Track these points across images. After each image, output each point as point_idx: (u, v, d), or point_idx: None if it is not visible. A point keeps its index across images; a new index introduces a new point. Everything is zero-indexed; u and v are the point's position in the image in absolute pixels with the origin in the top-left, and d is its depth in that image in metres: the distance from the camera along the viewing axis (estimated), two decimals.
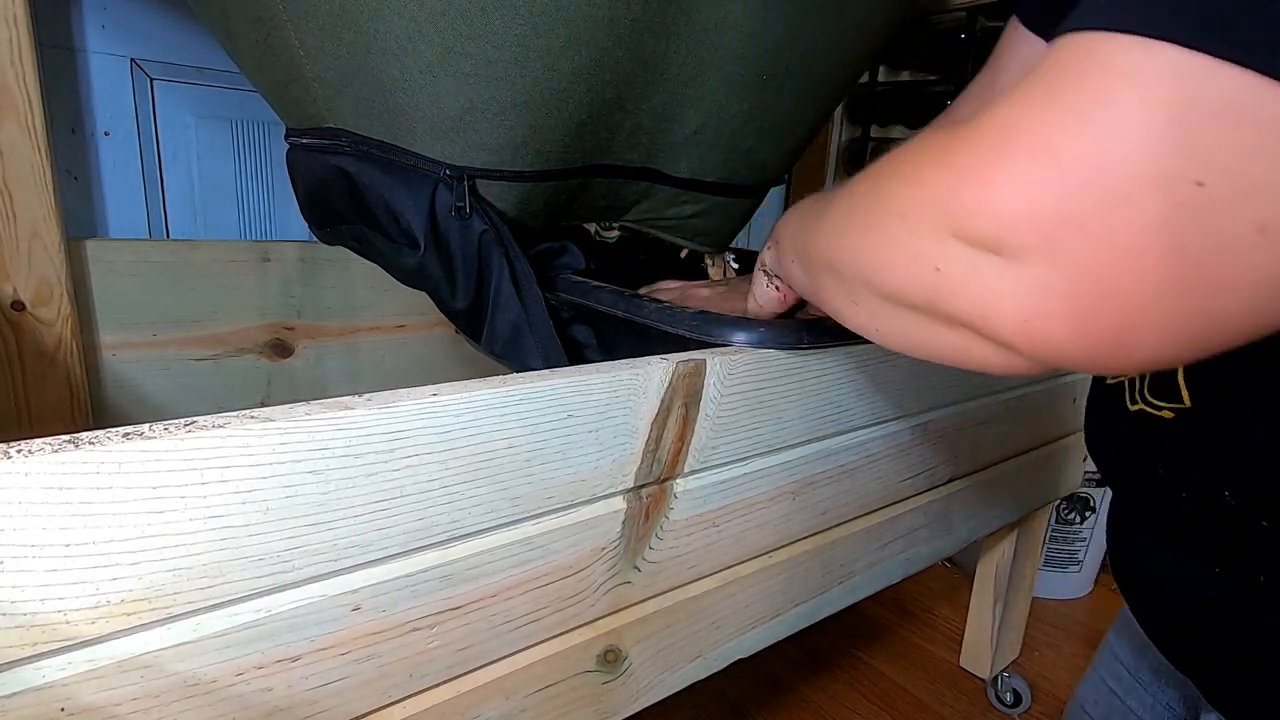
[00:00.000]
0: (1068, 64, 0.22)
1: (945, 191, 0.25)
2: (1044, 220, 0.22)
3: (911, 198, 0.27)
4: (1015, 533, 0.95)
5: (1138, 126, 0.20)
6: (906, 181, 0.28)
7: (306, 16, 0.48)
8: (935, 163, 0.26)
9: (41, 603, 0.26)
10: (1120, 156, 0.20)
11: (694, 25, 0.54)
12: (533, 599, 0.41)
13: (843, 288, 0.36)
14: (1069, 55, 0.22)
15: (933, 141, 0.27)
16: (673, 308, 0.53)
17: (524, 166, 0.56)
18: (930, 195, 0.26)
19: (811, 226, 0.40)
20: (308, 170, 0.60)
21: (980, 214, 0.23)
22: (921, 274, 0.27)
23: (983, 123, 0.24)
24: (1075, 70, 0.22)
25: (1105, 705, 0.54)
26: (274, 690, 0.33)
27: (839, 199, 0.36)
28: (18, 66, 0.63)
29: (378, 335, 0.96)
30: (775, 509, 0.53)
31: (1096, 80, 0.21)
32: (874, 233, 0.30)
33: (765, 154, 0.68)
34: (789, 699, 0.97)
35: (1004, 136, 0.23)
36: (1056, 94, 0.22)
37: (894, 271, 0.29)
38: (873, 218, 0.31)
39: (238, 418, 0.29)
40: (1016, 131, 0.23)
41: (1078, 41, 0.22)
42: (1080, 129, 0.21)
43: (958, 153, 0.25)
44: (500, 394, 0.35)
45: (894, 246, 0.28)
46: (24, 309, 0.69)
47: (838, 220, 0.35)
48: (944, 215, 0.25)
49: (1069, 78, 0.22)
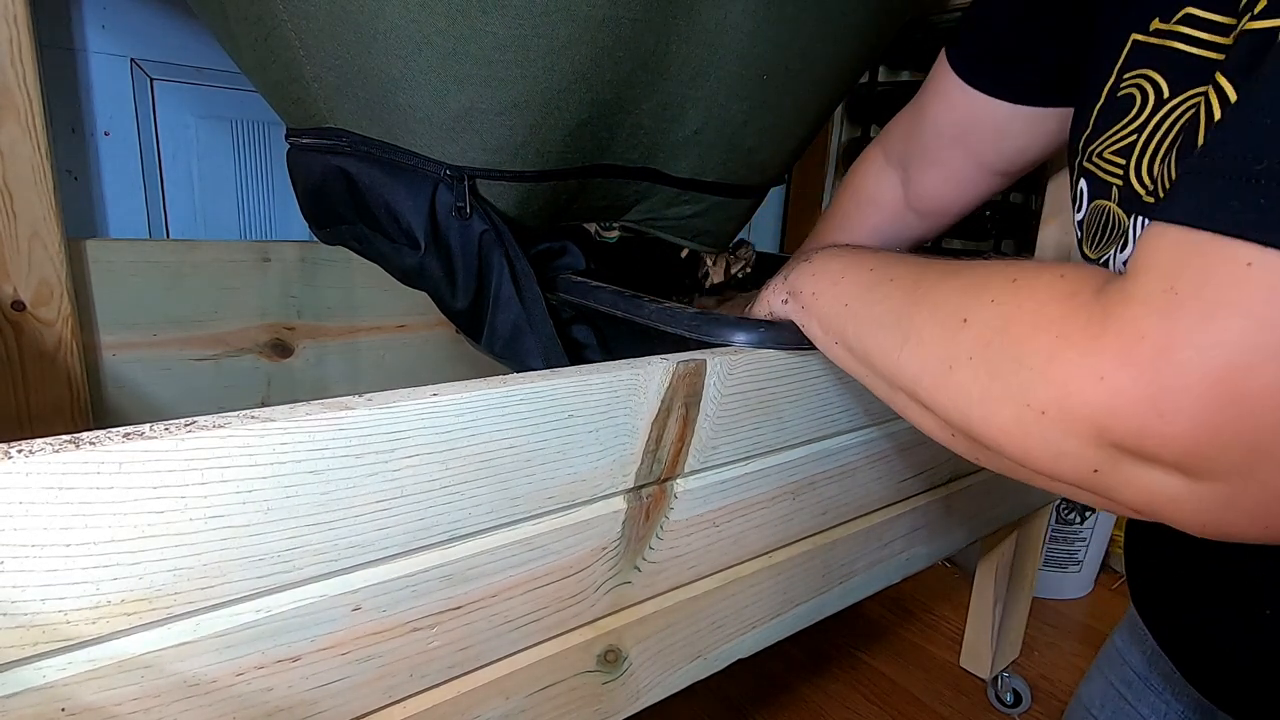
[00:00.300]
0: (1214, 274, 0.22)
1: (1102, 408, 0.24)
2: (1232, 450, 0.22)
3: (1050, 398, 0.26)
4: (1015, 533, 0.95)
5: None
6: (1036, 371, 0.26)
7: (306, 16, 0.48)
8: (1076, 363, 0.25)
9: (42, 603, 0.26)
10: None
11: (694, 25, 0.54)
12: (533, 599, 0.41)
13: (911, 405, 0.35)
14: (1206, 262, 0.22)
15: (1059, 321, 0.26)
16: (673, 308, 0.53)
17: (524, 166, 0.56)
18: (1078, 405, 0.25)
19: (862, 317, 0.39)
20: (308, 170, 0.60)
21: (1156, 440, 0.23)
22: (1069, 468, 0.26)
23: (1122, 331, 0.24)
24: (1228, 287, 0.22)
25: (1113, 708, 0.53)
26: (274, 690, 0.33)
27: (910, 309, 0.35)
28: (18, 66, 0.63)
29: (378, 335, 0.96)
30: (775, 509, 0.53)
31: (1266, 301, 0.21)
32: (989, 406, 0.29)
33: (765, 154, 0.68)
34: (789, 699, 0.97)
35: (1163, 360, 0.23)
36: (1218, 316, 0.22)
37: (1023, 450, 0.28)
38: (983, 387, 0.29)
39: (238, 418, 0.29)
40: (1177, 357, 0.22)
41: (1221, 248, 0.22)
42: (1262, 357, 0.21)
43: (1100, 360, 0.24)
44: (500, 394, 0.35)
45: (1027, 433, 0.27)
46: (24, 309, 0.69)
47: (918, 349, 0.34)
48: (1101, 431, 0.24)
49: (1226, 299, 0.22)
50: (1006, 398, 0.28)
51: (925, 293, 0.35)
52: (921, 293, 0.35)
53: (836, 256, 0.46)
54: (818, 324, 0.45)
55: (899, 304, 0.36)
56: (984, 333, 0.30)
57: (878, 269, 0.40)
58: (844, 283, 0.42)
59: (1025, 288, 0.29)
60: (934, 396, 0.33)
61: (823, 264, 0.46)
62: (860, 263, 0.42)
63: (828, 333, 0.43)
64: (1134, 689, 0.52)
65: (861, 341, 0.39)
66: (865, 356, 0.39)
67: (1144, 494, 0.25)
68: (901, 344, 0.35)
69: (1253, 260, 0.21)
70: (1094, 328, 0.25)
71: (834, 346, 0.43)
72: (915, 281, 0.36)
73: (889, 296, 0.38)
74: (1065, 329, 0.26)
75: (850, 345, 0.41)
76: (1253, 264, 0.21)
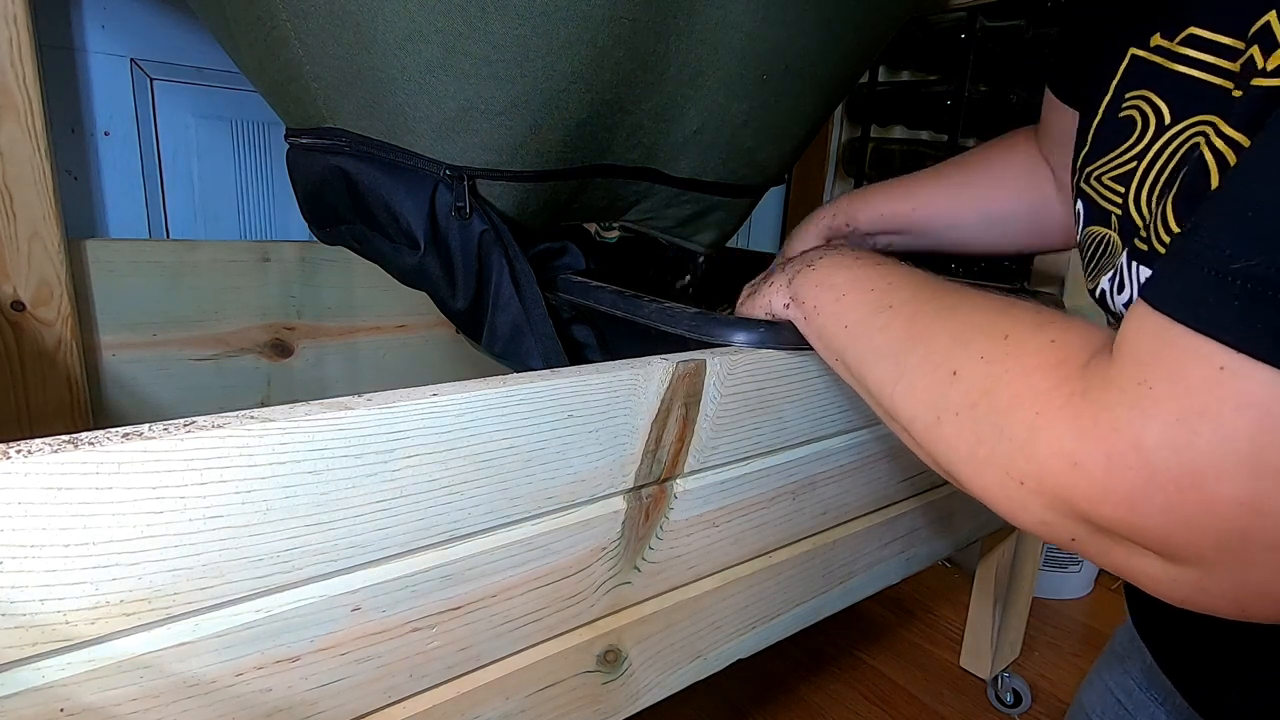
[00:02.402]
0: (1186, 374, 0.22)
1: (1076, 490, 0.25)
2: (1206, 547, 0.23)
3: (1029, 471, 0.26)
4: (1015, 533, 0.95)
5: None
6: (1017, 442, 0.27)
7: (306, 16, 0.48)
8: (1054, 443, 0.25)
9: (41, 603, 0.26)
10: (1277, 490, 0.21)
11: (694, 25, 0.53)
12: (533, 599, 0.41)
13: (907, 437, 0.36)
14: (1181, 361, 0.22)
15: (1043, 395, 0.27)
16: (673, 308, 0.53)
17: (524, 166, 0.56)
18: (1055, 482, 0.25)
19: (861, 345, 0.39)
20: (307, 170, 0.60)
21: (1129, 528, 0.24)
22: (1050, 534, 0.27)
23: (1097, 416, 0.24)
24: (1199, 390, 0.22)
25: (1112, 716, 0.53)
26: (274, 690, 0.33)
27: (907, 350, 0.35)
28: (18, 66, 0.63)
29: (378, 335, 0.96)
30: (775, 509, 0.53)
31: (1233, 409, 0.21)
32: (975, 466, 0.30)
33: (765, 154, 0.68)
34: (789, 699, 0.97)
35: (1138, 456, 0.23)
36: (1187, 419, 0.22)
37: (1009, 511, 0.29)
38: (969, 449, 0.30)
39: (237, 418, 0.29)
40: (1150, 456, 0.23)
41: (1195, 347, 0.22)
42: (1233, 466, 0.21)
43: (1078, 444, 0.25)
44: (500, 394, 0.35)
45: (1010, 499, 0.28)
46: (24, 309, 0.69)
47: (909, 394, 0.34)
48: (1075, 510, 0.25)
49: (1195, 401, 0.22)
50: (990, 462, 0.29)
51: (921, 329, 0.35)
52: (918, 330, 0.35)
53: (840, 269, 0.45)
54: (818, 338, 0.45)
55: (896, 338, 0.37)
56: (970, 392, 0.30)
57: (879, 291, 0.40)
58: (845, 302, 0.42)
59: (1015, 349, 0.29)
60: (924, 441, 0.33)
61: (827, 274, 0.46)
62: (862, 282, 0.42)
63: (828, 350, 0.44)
64: (1133, 698, 0.52)
65: (860, 368, 0.40)
66: (862, 383, 0.40)
67: (1122, 567, 0.26)
68: (896, 381, 0.35)
69: (1224, 365, 0.22)
70: (1073, 409, 0.25)
71: (834, 362, 0.44)
72: (913, 314, 0.37)
73: (888, 327, 0.38)
74: (1046, 405, 0.26)
75: (849, 366, 0.41)
76: (1224, 369, 0.22)
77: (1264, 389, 0.21)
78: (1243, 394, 0.21)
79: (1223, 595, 0.24)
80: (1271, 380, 0.21)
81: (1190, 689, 0.41)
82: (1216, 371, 0.22)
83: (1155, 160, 0.35)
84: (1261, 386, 0.21)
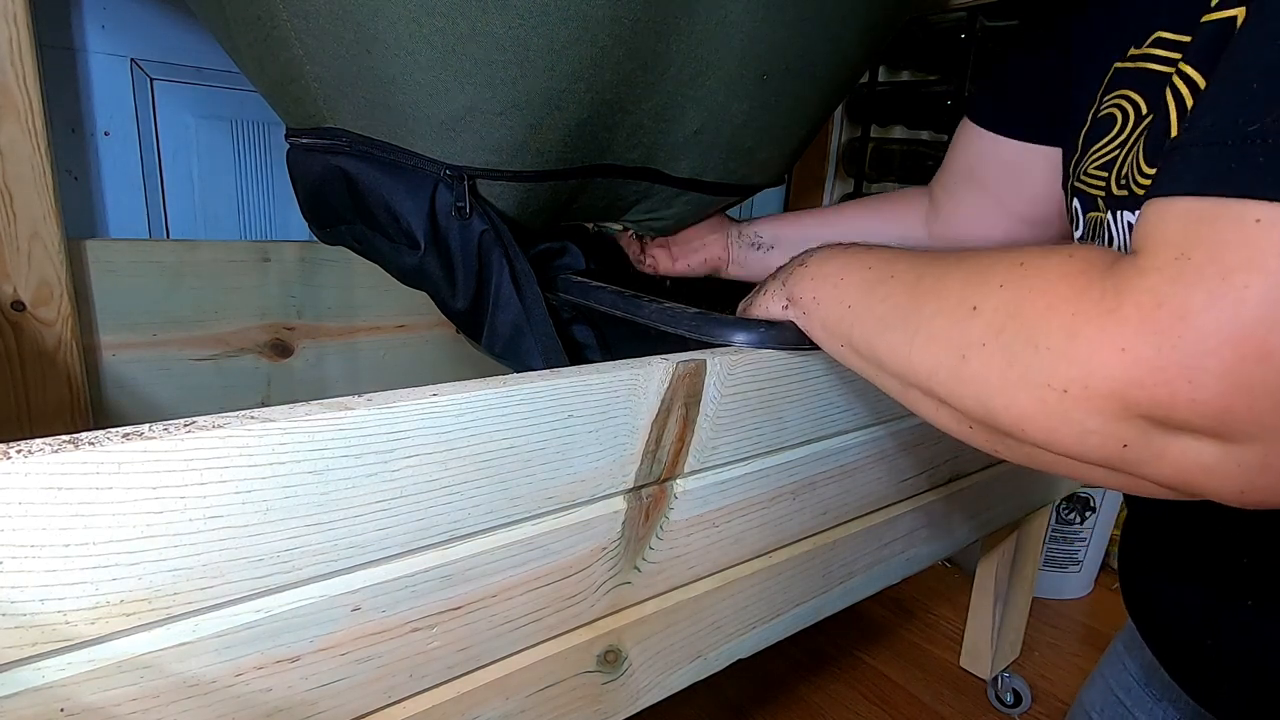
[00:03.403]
0: (1224, 237, 0.22)
1: (1127, 380, 0.24)
2: (1266, 409, 0.22)
3: (1073, 376, 0.25)
4: (1015, 533, 0.95)
5: None
6: (1056, 351, 0.26)
7: (306, 16, 0.48)
8: (1097, 337, 0.25)
9: (41, 603, 0.26)
10: None
11: (694, 25, 0.53)
12: (533, 599, 0.41)
13: (925, 400, 0.35)
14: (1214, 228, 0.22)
15: (1074, 299, 0.26)
16: (673, 308, 0.53)
17: (524, 166, 0.56)
18: (1103, 380, 0.25)
19: (867, 318, 0.39)
20: (307, 170, 0.60)
21: (1187, 406, 0.23)
22: (1098, 445, 0.26)
23: (1140, 301, 0.24)
24: (1239, 246, 0.22)
25: (1112, 713, 0.53)
26: (274, 691, 0.33)
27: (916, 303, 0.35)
28: (18, 66, 0.63)
29: (378, 335, 0.96)
30: (775, 509, 0.53)
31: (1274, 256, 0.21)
32: (1008, 391, 0.28)
33: (765, 154, 0.68)
34: (789, 699, 0.97)
35: (1184, 325, 0.23)
36: (1232, 276, 0.22)
37: (1047, 431, 0.27)
38: (1001, 372, 0.28)
39: (237, 418, 0.29)
40: (1198, 320, 0.22)
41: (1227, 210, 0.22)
42: (1276, 313, 0.21)
43: (1121, 332, 0.24)
44: (500, 394, 0.35)
45: (1050, 414, 0.27)
46: (24, 309, 0.68)
47: (928, 343, 0.33)
48: (1130, 405, 0.24)
49: (1238, 257, 0.22)
50: (1026, 381, 0.27)
51: (929, 286, 0.34)
52: (925, 286, 0.35)
53: (832, 257, 0.45)
54: (822, 328, 0.44)
55: (903, 300, 0.36)
56: (996, 318, 0.29)
57: (876, 267, 0.40)
58: (844, 284, 0.42)
59: (1033, 269, 0.29)
60: (950, 389, 0.32)
61: (819, 267, 0.46)
62: (858, 261, 0.42)
63: (833, 336, 0.43)
64: (1132, 694, 0.52)
65: (869, 343, 0.39)
66: (874, 357, 0.39)
67: (1177, 466, 0.25)
68: (911, 340, 0.34)
69: (1261, 216, 0.22)
70: (1109, 301, 0.25)
71: (840, 349, 0.43)
72: (918, 276, 0.36)
73: (892, 294, 0.37)
74: (1080, 305, 0.26)
75: (857, 347, 0.40)
76: (1261, 220, 0.22)
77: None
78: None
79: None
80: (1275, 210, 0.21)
81: (1187, 680, 0.41)
82: (1253, 225, 0.22)
83: (1135, 145, 0.37)
84: None
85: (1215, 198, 0.23)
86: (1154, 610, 0.43)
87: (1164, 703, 0.50)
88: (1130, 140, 0.38)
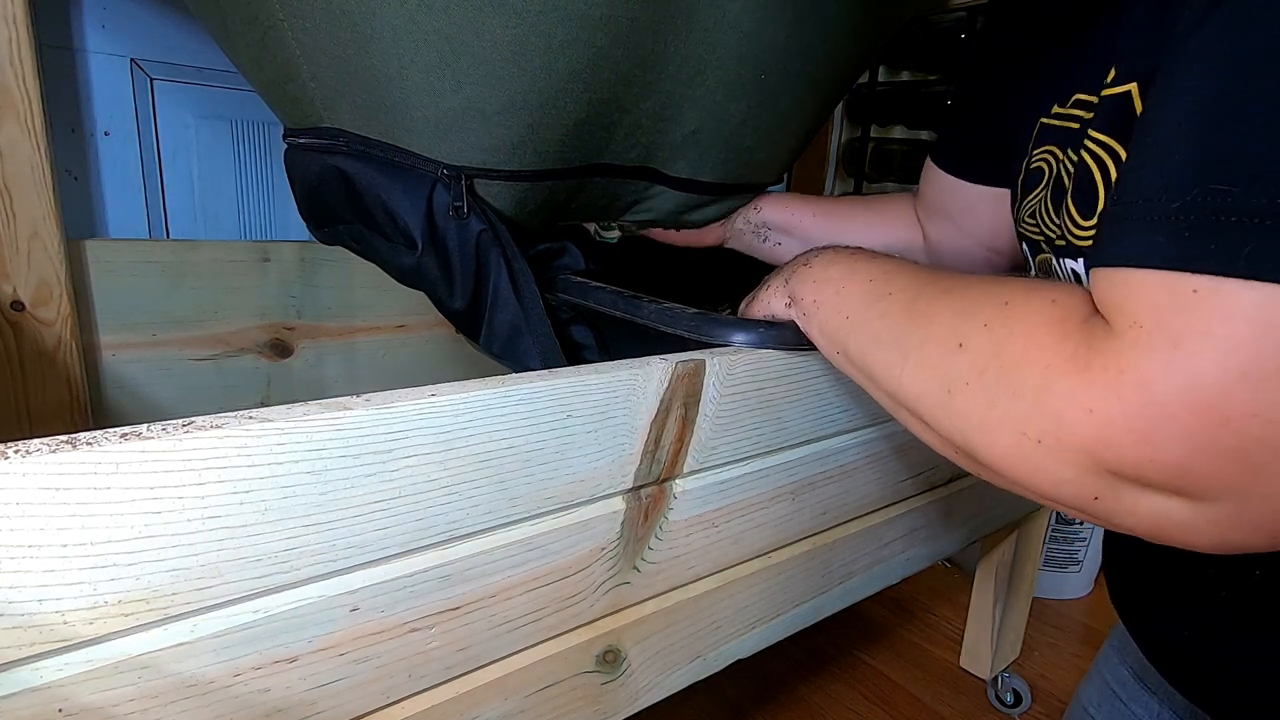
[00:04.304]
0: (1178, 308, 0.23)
1: (1095, 440, 0.25)
2: (1230, 472, 0.23)
3: (1046, 429, 0.26)
4: (1015, 533, 0.95)
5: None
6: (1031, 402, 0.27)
7: (303, 15, 0.48)
8: (1067, 395, 0.26)
9: (39, 603, 0.26)
10: None
11: (692, 25, 0.53)
12: (532, 599, 0.41)
13: (913, 420, 0.36)
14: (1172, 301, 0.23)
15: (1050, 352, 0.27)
16: (672, 308, 0.53)
17: (521, 166, 0.56)
18: (1072, 436, 0.26)
19: (863, 333, 0.40)
20: (305, 170, 0.60)
21: (1150, 468, 0.24)
22: (1070, 494, 0.27)
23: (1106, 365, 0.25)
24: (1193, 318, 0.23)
25: (1108, 708, 0.53)
26: (272, 691, 0.33)
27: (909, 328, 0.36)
28: (18, 66, 0.63)
29: (377, 335, 0.96)
30: (775, 509, 0.53)
31: (1228, 329, 0.22)
32: (987, 432, 0.29)
33: (764, 154, 0.68)
34: (789, 699, 0.97)
35: (1146, 393, 0.23)
36: (1187, 347, 0.23)
37: (1024, 475, 0.28)
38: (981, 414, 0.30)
39: (236, 418, 0.29)
40: (1159, 389, 0.23)
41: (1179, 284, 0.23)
42: (1239, 380, 0.22)
43: (1090, 394, 0.25)
44: (499, 394, 0.35)
45: (1026, 460, 0.28)
46: (24, 309, 0.69)
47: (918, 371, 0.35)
48: (1098, 461, 0.25)
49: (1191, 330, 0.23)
50: (1004, 425, 0.28)
51: (923, 311, 0.36)
52: (919, 310, 0.36)
53: (835, 261, 0.46)
54: (820, 333, 0.45)
55: (898, 321, 0.37)
56: (979, 358, 0.30)
57: (876, 280, 0.41)
58: (845, 294, 0.43)
59: (1017, 312, 0.30)
60: (936, 418, 0.33)
61: (823, 270, 0.46)
62: (860, 272, 0.43)
63: (831, 342, 0.44)
64: (1127, 689, 0.53)
65: (863, 357, 0.40)
66: (868, 370, 0.40)
67: (1149, 519, 0.26)
68: (903, 363, 0.35)
69: (1197, 288, 0.23)
70: (1081, 359, 0.26)
71: (836, 355, 0.44)
72: (914, 297, 0.37)
73: (889, 312, 0.38)
74: (1055, 358, 0.27)
75: (852, 358, 0.41)
76: (1198, 290, 0.23)
77: (1244, 301, 0.22)
78: (1223, 309, 0.22)
79: (1255, 526, 0.24)
80: (1247, 291, 0.22)
81: (1178, 680, 0.41)
82: (1192, 295, 0.23)
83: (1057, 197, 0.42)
84: (1239, 299, 0.22)
85: (1153, 270, 0.24)
86: (1141, 614, 0.43)
87: (1159, 696, 0.51)
88: (1052, 193, 0.41)
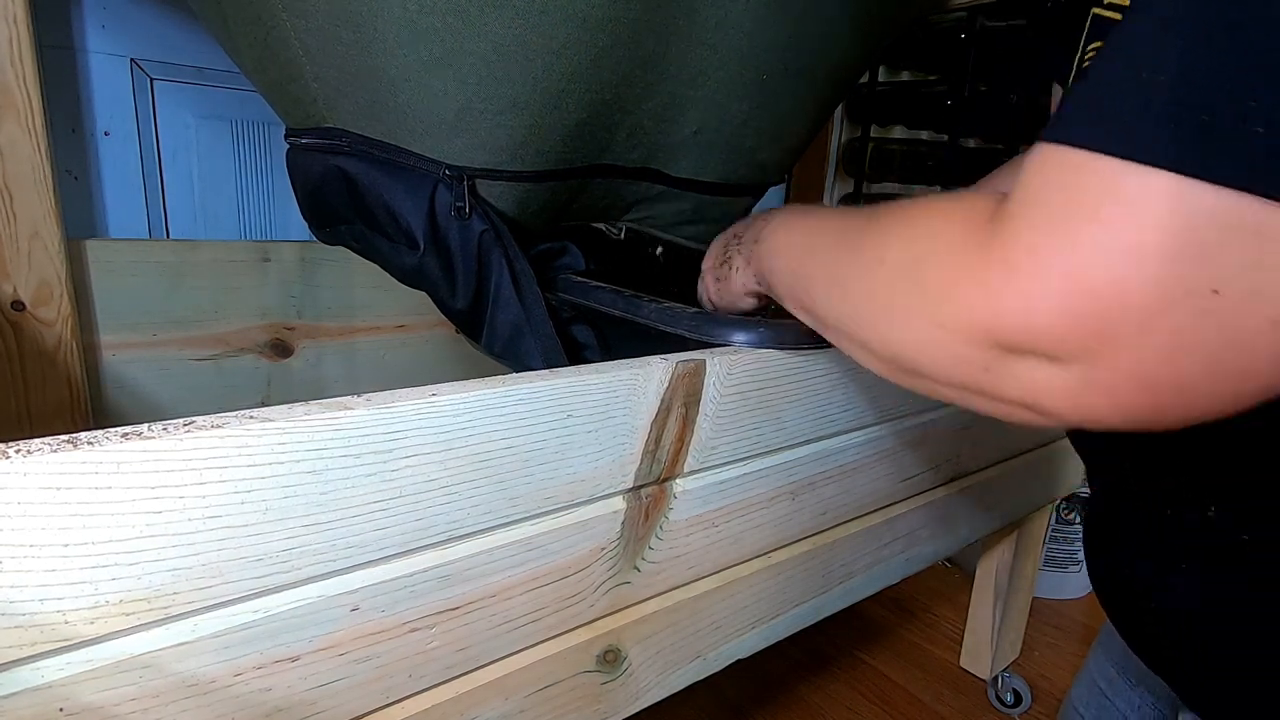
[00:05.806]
0: (1079, 187, 0.25)
1: (987, 313, 0.28)
2: (1085, 335, 0.25)
3: (948, 313, 0.30)
4: (1015, 533, 0.95)
5: (1158, 249, 0.23)
6: (937, 292, 0.30)
7: (306, 16, 0.48)
8: (967, 279, 0.29)
9: (40, 603, 0.26)
10: (1146, 276, 0.23)
11: (694, 25, 0.53)
12: (532, 599, 0.41)
13: (853, 345, 0.38)
14: (1075, 177, 0.25)
15: (957, 247, 0.30)
16: (673, 308, 0.53)
17: (523, 166, 0.56)
18: (969, 314, 0.29)
19: (807, 278, 0.42)
20: (307, 170, 0.60)
21: (1026, 333, 0.27)
22: (967, 371, 0.30)
23: (1004, 244, 0.27)
24: (1087, 197, 0.25)
25: (1096, 706, 0.54)
26: (273, 690, 0.33)
27: (839, 261, 0.39)
28: (18, 66, 0.63)
29: (378, 335, 0.96)
30: (775, 509, 0.53)
31: (1113, 209, 0.24)
32: (904, 329, 0.33)
33: (765, 154, 0.68)
34: (789, 699, 0.97)
35: (1032, 264, 0.26)
36: (1074, 223, 0.25)
37: (932, 361, 0.32)
38: (899, 314, 0.33)
39: (236, 418, 0.29)
40: (1042, 260, 0.26)
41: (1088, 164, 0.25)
42: (1106, 256, 0.24)
43: (987, 273, 0.28)
44: (499, 394, 0.35)
45: (933, 346, 0.31)
46: (24, 309, 0.69)
47: (847, 294, 0.37)
48: (988, 333, 0.28)
49: (1083, 207, 0.25)
50: (920, 319, 0.31)
51: (850, 243, 0.38)
52: (848, 243, 0.38)
53: (782, 226, 0.48)
54: (787, 298, 0.47)
55: (832, 258, 0.40)
56: (897, 268, 0.33)
57: (812, 231, 0.43)
58: (789, 253, 0.45)
59: (929, 220, 0.33)
60: (867, 337, 0.36)
61: (771, 240, 0.48)
62: (798, 226, 0.45)
63: (793, 303, 0.46)
64: (1113, 685, 0.53)
65: (812, 299, 0.42)
66: (819, 317, 0.42)
67: (1024, 385, 0.28)
68: (842, 296, 0.38)
69: (1081, 164, 0.25)
70: (983, 246, 0.28)
71: (802, 314, 0.45)
72: (841, 233, 0.40)
73: (822, 252, 0.41)
74: (960, 252, 0.30)
75: (807, 307, 0.43)
76: (1082, 167, 0.25)
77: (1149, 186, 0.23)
78: (1107, 188, 0.24)
79: (1105, 391, 0.26)
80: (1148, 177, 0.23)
81: (1133, 640, 0.42)
82: (1076, 172, 0.25)
83: None
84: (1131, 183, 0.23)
85: (1067, 147, 0.25)
86: (1107, 579, 0.45)
87: (1140, 688, 0.51)
88: None
